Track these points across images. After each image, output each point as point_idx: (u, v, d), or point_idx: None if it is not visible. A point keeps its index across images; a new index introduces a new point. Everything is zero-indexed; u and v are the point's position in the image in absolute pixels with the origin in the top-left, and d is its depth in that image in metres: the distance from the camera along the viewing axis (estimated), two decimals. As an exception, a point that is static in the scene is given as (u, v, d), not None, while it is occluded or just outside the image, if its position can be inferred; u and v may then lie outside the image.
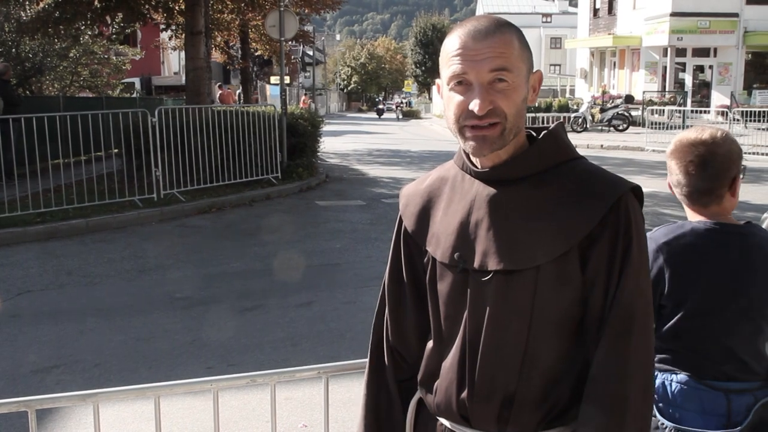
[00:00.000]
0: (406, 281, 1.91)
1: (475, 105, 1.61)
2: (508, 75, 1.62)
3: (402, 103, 70.32)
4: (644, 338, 1.65)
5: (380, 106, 68.18)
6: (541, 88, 1.82)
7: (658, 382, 2.31)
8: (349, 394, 4.81)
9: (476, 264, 1.70)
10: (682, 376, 2.28)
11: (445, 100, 1.71)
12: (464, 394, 1.73)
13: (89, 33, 19.49)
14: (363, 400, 2.01)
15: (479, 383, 1.71)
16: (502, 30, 1.64)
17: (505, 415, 1.70)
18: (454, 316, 1.76)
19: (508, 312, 1.67)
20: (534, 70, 1.72)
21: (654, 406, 2.30)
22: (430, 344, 1.85)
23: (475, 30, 1.64)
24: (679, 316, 2.29)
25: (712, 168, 2.33)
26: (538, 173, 1.70)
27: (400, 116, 60.19)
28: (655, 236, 2.36)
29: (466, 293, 1.72)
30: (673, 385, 2.29)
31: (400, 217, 1.95)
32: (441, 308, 1.79)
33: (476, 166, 1.75)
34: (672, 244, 2.32)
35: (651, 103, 30.18)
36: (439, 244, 1.79)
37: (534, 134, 1.79)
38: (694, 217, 2.40)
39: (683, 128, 23.47)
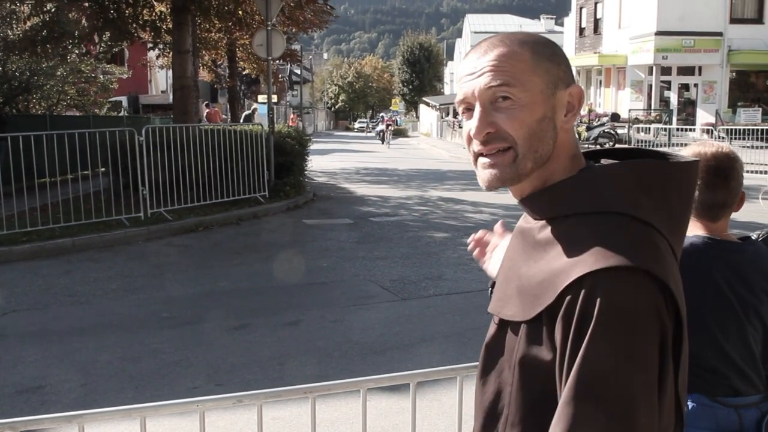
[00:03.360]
0: None
1: (472, 128, 1.40)
2: (511, 90, 1.38)
3: (390, 119, 52.53)
4: None
5: (381, 127, 49.86)
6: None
7: None
8: (336, 413, 4.80)
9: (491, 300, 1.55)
10: (696, 396, 2.29)
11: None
12: None
13: (76, 52, 19.50)
14: None
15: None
16: (507, 43, 1.42)
17: None
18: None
19: (499, 363, 1.47)
20: (570, 86, 1.45)
21: None
22: None
23: (479, 48, 1.45)
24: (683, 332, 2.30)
25: (735, 180, 2.35)
26: (555, 218, 1.42)
27: (390, 139, 44.73)
28: None
29: None
30: (688, 405, 2.29)
31: None
32: None
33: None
34: None
35: (637, 121, 30.39)
36: None
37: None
38: (694, 232, 2.40)
39: (669, 146, 23.70)
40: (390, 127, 45.71)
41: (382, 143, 44.63)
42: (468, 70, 1.43)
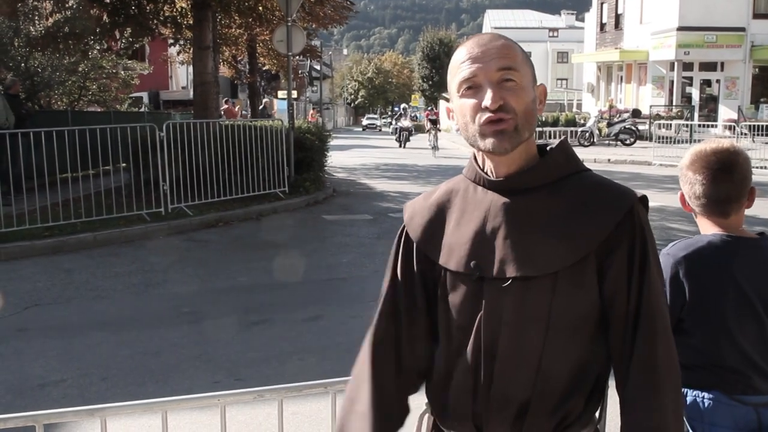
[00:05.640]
0: (417, 292, 1.90)
1: (487, 99, 1.66)
2: (515, 74, 1.69)
3: (433, 112, 36.54)
4: (669, 341, 1.71)
5: (403, 123, 37.30)
6: (549, 102, 1.81)
7: (689, 399, 2.30)
8: (356, 408, 4.79)
9: (494, 272, 1.72)
10: (714, 393, 2.27)
11: (457, 111, 1.76)
12: (479, 402, 1.75)
13: (98, 48, 19.60)
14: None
15: (495, 391, 1.73)
16: (504, 38, 1.75)
17: (519, 424, 1.73)
18: (466, 325, 1.76)
19: (525, 318, 1.70)
20: (538, 84, 1.78)
21: (687, 424, 2.29)
22: (438, 354, 1.86)
23: (479, 38, 1.75)
24: (701, 330, 2.29)
25: (738, 174, 2.35)
26: (551, 183, 1.75)
27: (437, 145, 29.40)
28: (673, 251, 2.35)
29: (481, 302, 1.73)
30: (706, 402, 2.28)
31: (404, 232, 1.93)
32: (454, 318, 1.79)
33: (489, 177, 1.79)
34: (691, 258, 2.31)
35: (658, 117, 30.15)
36: (452, 254, 1.80)
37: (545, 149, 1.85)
38: (710, 230, 2.39)
39: (691, 142, 23.55)
40: (438, 125, 31.38)
41: (401, 146, 34.69)
42: (472, 54, 1.71)
